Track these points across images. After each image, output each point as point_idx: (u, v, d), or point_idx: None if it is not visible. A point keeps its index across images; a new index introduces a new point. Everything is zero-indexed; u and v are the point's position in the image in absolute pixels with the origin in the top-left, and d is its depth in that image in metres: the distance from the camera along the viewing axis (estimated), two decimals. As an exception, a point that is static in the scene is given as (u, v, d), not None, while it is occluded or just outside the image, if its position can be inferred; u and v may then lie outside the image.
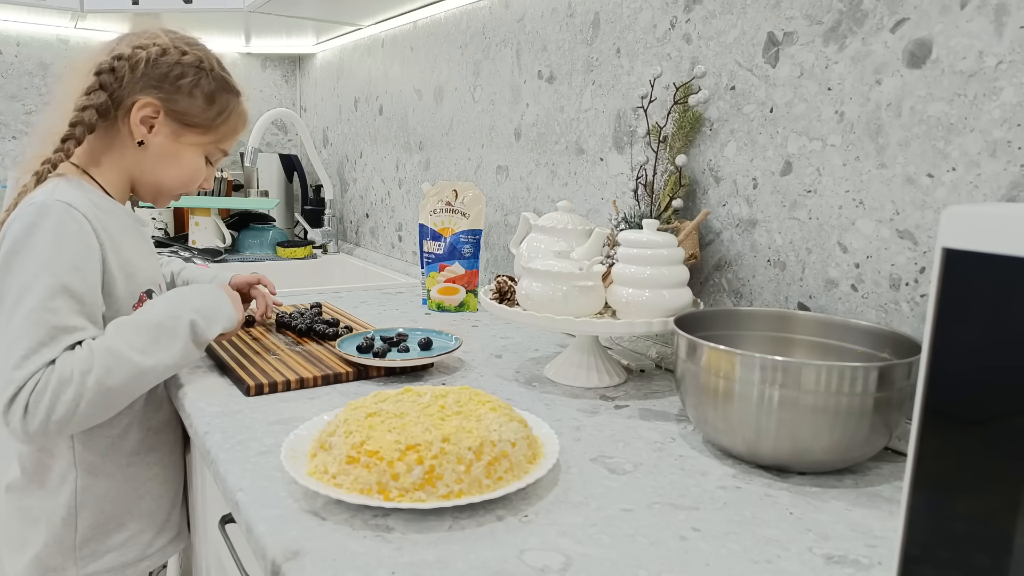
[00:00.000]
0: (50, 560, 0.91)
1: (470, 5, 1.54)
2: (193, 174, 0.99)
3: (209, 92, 0.95)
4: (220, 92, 0.96)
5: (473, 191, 1.37)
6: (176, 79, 0.92)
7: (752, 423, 0.68)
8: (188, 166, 0.97)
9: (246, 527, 0.60)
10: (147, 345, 0.82)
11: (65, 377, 0.76)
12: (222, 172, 2.18)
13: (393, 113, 1.91)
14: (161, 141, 0.93)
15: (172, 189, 0.98)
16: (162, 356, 0.83)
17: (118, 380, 0.79)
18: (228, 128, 0.99)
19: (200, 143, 0.97)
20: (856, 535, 0.59)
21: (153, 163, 0.95)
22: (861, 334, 0.78)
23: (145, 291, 0.93)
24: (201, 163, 0.99)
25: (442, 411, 0.68)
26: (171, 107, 0.92)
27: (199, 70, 0.94)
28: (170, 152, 0.95)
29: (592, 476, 0.68)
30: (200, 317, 0.87)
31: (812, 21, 0.86)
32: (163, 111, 0.92)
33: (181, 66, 0.92)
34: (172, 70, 0.92)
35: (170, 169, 0.96)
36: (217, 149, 1.00)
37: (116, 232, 0.89)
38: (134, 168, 0.95)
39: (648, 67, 1.10)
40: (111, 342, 0.80)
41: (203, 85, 0.94)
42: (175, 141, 0.94)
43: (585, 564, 0.54)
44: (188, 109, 0.93)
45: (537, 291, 0.89)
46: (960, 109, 0.73)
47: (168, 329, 0.84)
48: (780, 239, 0.92)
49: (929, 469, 0.36)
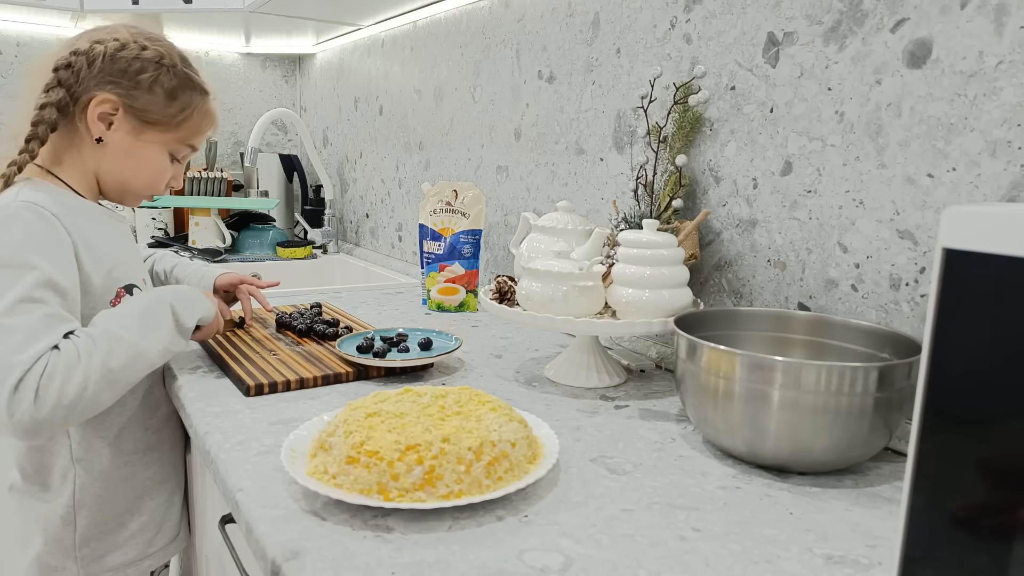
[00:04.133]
0: (51, 560, 0.91)
1: (470, 5, 1.54)
2: (157, 173, 0.96)
3: (170, 88, 0.92)
4: (182, 89, 0.93)
5: (473, 191, 1.37)
6: (135, 74, 0.89)
7: (752, 423, 0.68)
8: (151, 165, 0.95)
9: (246, 527, 0.60)
10: (139, 328, 0.82)
11: (72, 360, 0.75)
12: (222, 172, 2.18)
13: (393, 113, 1.91)
14: (121, 138, 0.91)
15: (138, 189, 0.96)
16: (153, 340, 0.83)
17: (120, 362, 0.79)
18: (191, 126, 0.96)
19: (161, 141, 0.94)
20: (856, 535, 0.59)
21: (114, 161, 0.92)
22: (861, 334, 0.78)
23: (123, 286, 0.92)
24: (164, 162, 0.96)
25: (442, 411, 0.68)
26: (130, 103, 0.89)
27: (159, 66, 0.91)
28: (131, 150, 0.92)
29: (592, 476, 0.68)
30: (178, 303, 0.88)
31: (812, 21, 0.86)
32: (121, 107, 0.89)
33: (140, 61, 0.90)
34: (131, 65, 0.89)
35: (132, 168, 0.93)
36: (182, 146, 0.97)
37: (88, 229, 0.88)
38: (96, 166, 0.92)
39: (648, 67, 1.10)
40: (107, 325, 0.80)
41: (163, 81, 0.91)
42: (135, 138, 0.92)
43: (585, 564, 0.54)
44: (147, 106, 0.91)
45: (537, 291, 0.89)
46: (960, 109, 0.72)
47: (154, 314, 0.85)
48: (780, 239, 0.92)
49: (929, 469, 0.36)
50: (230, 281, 1.15)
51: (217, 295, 1.13)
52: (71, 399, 0.75)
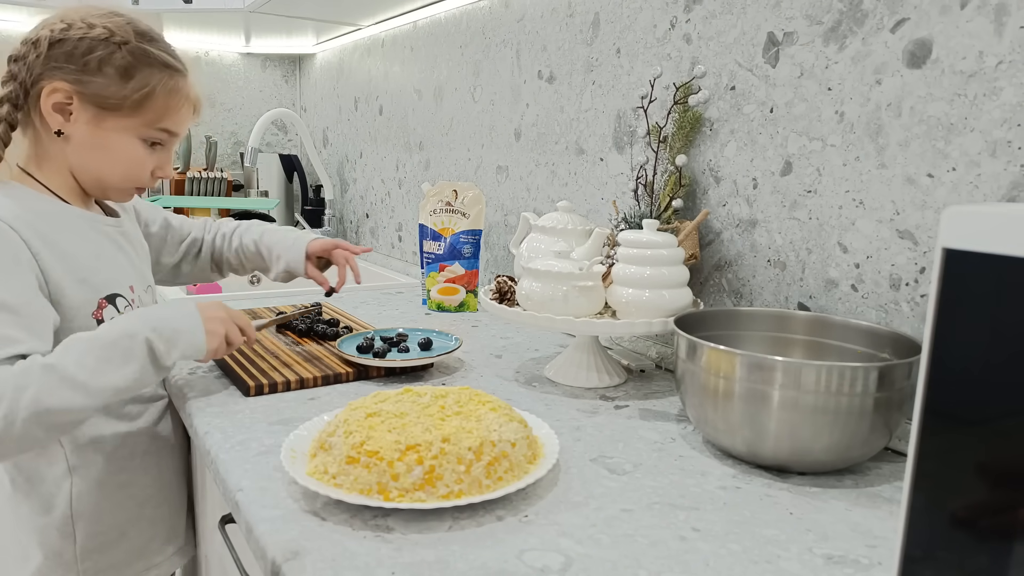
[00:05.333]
0: (52, 574, 0.87)
1: (470, 5, 1.54)
2: (132, 163, 0.87)
3: (123, 67, 0.82)
4: (138, 67, 0.83)
5: (473, 191, 1.37)
6: (82, 56, 0.81)
7: (752, 423, 0.68)
8: (121, 155, 0.86)
9: (246, 527, 0.60)
10: (96, 364, 0.73)
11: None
12: (222, 172, 2.18)
13: (393, 113, 1.91)
14: (82, 129, 0.83)
15: (115, 183, 0.88)
16: (112, 377, 0.74)
17: (59, 401, 0.70)
18: (156, 107, 0.85)
19: (126, 127, 0.85)
20: (856, 535, 0.59)
21: (82, 155, 0.84)
22: (861, 334, 0.78)
23: (105, 296, 0.85)
24: (137, 150, 0.86)
25: (442, 411, 0.68)
26: (82, 89, 0.81)
27: (108, 43, 0.82)
28: (95, 141, 0.84)
29: (592, 476, 0.68)
30: (157, 338, 0.77)
31: (812, 21, 0.86)
32: (75, 95, 0.81)
33: (88, 41, 0.81)
34: (77, 47, 0.81)
35: (102, 160, 0.85)
36: (154, 131, 0.87)
37: (62, 237, 0.82)
38: (68, 163, 0.85)
39: (648, 67, 1.10)
40: (55, 360, 0.72)
41: (115, 60, 0.82)
42: (97, 127, 0.83)
43: (585, 564, 0.54)
44: (101, 90, 0.82)
45: (537, 291, 0.89)
46: (960, 109, 0.72)
47: (123, 349, 0.75)
48: (780, 239, 0.92)
49: (929, 469, 0.36)
50: (323, 246, 1.10)
51: (310, 262, 1.10)
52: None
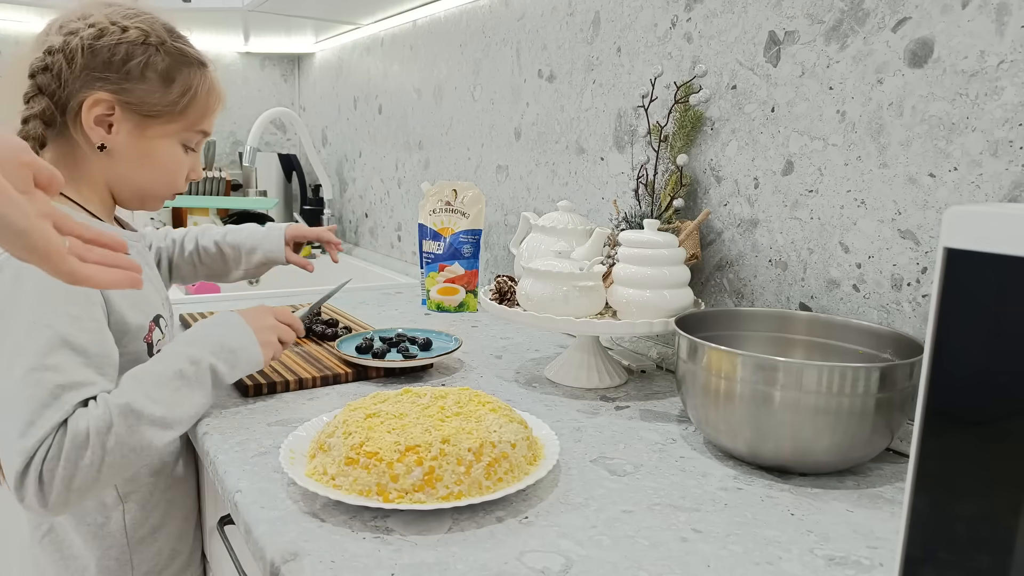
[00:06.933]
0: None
1: (470, 4, 1.54)
2: (174, 170, 0.85)
3: (164, 70, 0.80)
4: (178, 68, 0.81)
5: (473, 191, 1.36)
6: (122, 63, 0.77)
7: (753, 424, 0.67)
8: (166, 162, 0.84)
9: (245, 528, 0.60)
10: (170, 397, 0.72)
11: (80, 440, 0.66)
12: (220, 171, 2.18)
13: (392, 112, 1.91)
14: (125, 140, 0.80)
15: (157, 191, 0.86)
16: (186, 407, 0.73)
17: (142, 439, 0.69)
18: (199, 108, 0.84)
19: (170, 133, 0.83)
20: (858, 536, 0.59)
21: (125, 167, 0.82)
22: (863, 334, 0.78)
23: (153, 318, 0.83)
24: (179, 155, 0.85)
25: (442, 412, 0.67)
26: (125, 99, 0.78)
27: (147, 46, 0.79)
28: (140, 151, 0.81)
29: (592, 477, 0.68)
30: (221, 362, 0.77)
31: (813, 20, 0.86)
32: (117, 105, 0.78)
33: (125, 45, 0.77)
34: (115, 53, 0.77)
35: (146, 170, 0.83)
36: (194, 134, 0.86)
37: None
38: (107, 177, 0.82)
39: (649, 66, 1.09)
40: (129, 399, 0.69)
41: (155, 63, 0.79)
42: (141, 137, 0.81)
43: (585, 566, 0.53)
44: (145, 97, 0.79)
45: (537, 291, 0.89)
46: (962, 109, 0.72)
47: (190, 378, 0.74)
48: (781, 239, 0.91)
49: (931, 470, 0.36)
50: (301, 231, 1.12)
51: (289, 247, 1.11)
52: (81, 483, 0.66)
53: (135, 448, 0.69)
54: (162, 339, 0.86)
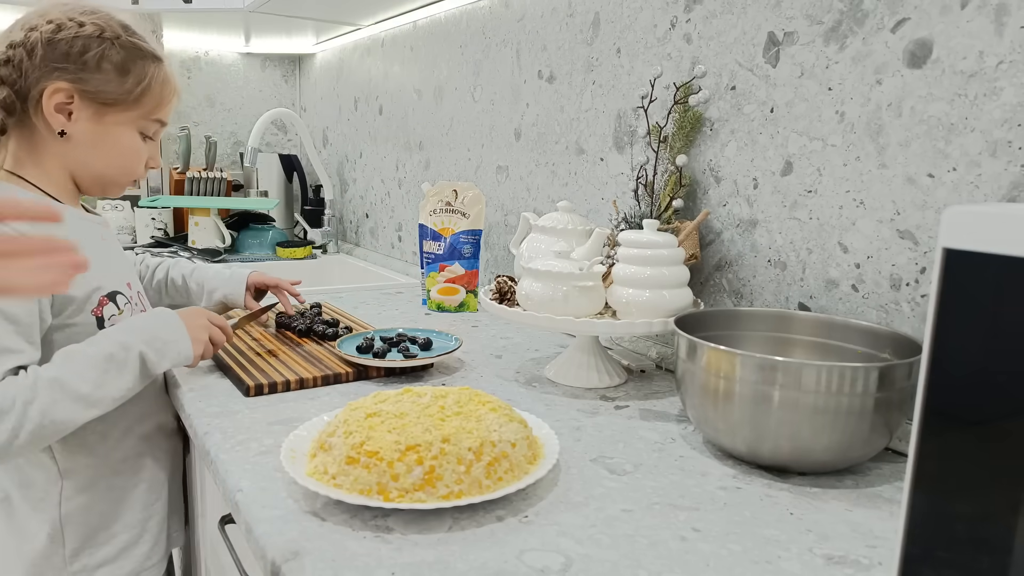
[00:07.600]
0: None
1: (470, 5, 1.54)
2: (131, 156, 0.90)
3: (119, 62, 0.85)
4: (133, 60, 0.86)
5: (473, 191, 1.37)
6: (79, 55, 0.83)
7: (752, 423, 0.68)
8: (123, 148, 0.89)
9: (246, 527, 0.60)
10: (97, 378, 0.77)
11: (4, 407, 0.71)
12: (221, 172, 2.18)
13: (393, 113, 1.91)
14: (84, 127, 0.85)
15: (116, 177, 0.91)
16: (109, 389, 0.78)
17: (64, 413, 0.74)
18: (153, 98, 0.89)
19: (127, 120, 0.88)
20: (856, 535, 0.59)
21: (84, 153, 0.87)
22: (862, 334, 0.78)
23: (106, 294, 0.87)
24: (136, 142, 0.90)
25: (442, 411, 0.68)
26: (83, 87, 0.83)
27: (102, 40, 0.84)
28: (98, 137, 0.86)
29: (592, 476, 0.68)
30: (151, 350, 0.82)
31: (812, 21, 0.86)
32: (76, 94, 0.83)
33: (81, 39, 0.83)
34: (72, 46, 0.82)
35: (104, 156, 0.88)
36: (150, 122, 0.91)
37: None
38: (67, 163, 0.87)
39: (648, 67, 1.10)
40: (58, 372, 0.75)
41: (111, 56, 0.84)
42: (99, 124, 0.86)
43: (585, 565, 0.54)
44: (101, 86, 0.84)
45: (537, 291, 0.89)
46: (961, 109, 0.72)
47: (119, 361, 0.79)
48: (780, 239, 0.92)
49: (930, 469, 0.36)
50: (263, 280, 1.15)
51: (249, 292, 1.13)
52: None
53: (55, 420, 0.74)
54: (117, 315, 0.89)
